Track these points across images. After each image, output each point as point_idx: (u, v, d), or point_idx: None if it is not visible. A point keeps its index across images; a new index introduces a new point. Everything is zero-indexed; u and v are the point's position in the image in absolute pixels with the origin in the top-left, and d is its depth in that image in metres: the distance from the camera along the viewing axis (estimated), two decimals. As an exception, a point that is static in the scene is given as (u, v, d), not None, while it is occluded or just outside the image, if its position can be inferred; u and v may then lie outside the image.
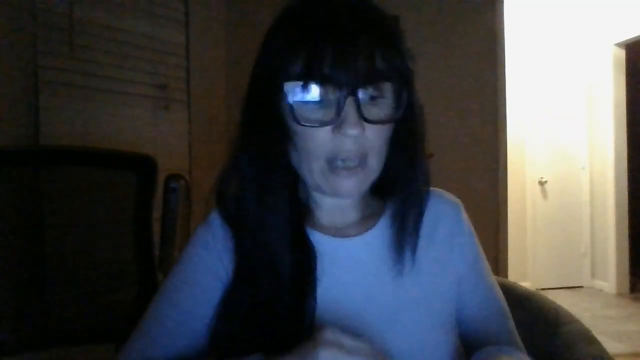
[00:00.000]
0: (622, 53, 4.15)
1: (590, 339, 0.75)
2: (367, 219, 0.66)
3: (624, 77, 4.15)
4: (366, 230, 0.65)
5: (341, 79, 0.53)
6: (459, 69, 2.78)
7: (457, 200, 0.70)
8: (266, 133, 0.59)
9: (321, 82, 0.54)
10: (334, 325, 0.48)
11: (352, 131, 0.53)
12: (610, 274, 4.20)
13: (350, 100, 0.53)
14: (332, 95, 0.54)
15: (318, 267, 0.60)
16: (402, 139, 0.61)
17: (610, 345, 2.39)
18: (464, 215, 0.69)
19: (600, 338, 0.76)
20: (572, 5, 4.31)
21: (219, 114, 2.23)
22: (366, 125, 0.55)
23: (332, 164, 0.57)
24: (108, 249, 1.29)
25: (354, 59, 0.53)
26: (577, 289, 4.37)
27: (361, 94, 0.54)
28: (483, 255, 0.69)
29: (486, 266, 0.69)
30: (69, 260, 1.26)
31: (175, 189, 1.30)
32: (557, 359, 0.75)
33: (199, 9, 2.21)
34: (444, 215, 0.68)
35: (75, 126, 1.74)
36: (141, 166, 1.24)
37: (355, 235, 0.64)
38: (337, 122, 0.54)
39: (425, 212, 0.66)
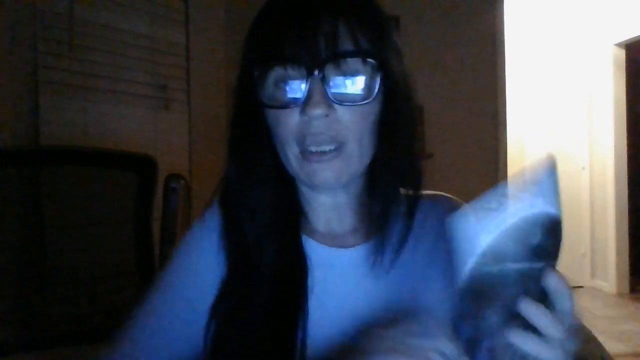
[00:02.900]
0: (622, 53, 4.15)
1: (590, 339, 0.75)
2: (368, 225, 0.61)
3: (624, 77, 4.14)
4: (365, 240, 0.60)
5: (303, 58, 0.51)
6: (459, 69, 2.78)
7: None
8: (245, 124, 0.58)
9: (283, 63, 0.52)
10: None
11: (316, 111, 0.51)
12: (610, 274, 4.20)
13: (315, 80, 0.51)
14: (297, 76, 0.52)
15: (310, 279, 0.57)
16: (384, 129, 0.56)
17: (610, 345, 2.38)
18: None
19: (600, 338, 0.77)
20: (572, 5, 4.31)
21: (219, 114, 2.23)
22: (338, 107, 0.52)
23: (305, 148, 0.54)
24: (108, 249, 1.29)
25: (316, 37, 0.51)
26: (577, 289, 4.37)
27: (328, 74, 0.51)
28: None
29: None
30: (69, 260, 1.26)
31: (175, 189, 1.30)
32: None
33: (199, 9, 2.22)
34: None
35: (75, 126, 1.74)
36: (141, 166, 1.24)
37: (352, 246, 0.60)
38: (301, 103, 0.52)
39: (429, 220, 0.61)
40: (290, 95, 0.53)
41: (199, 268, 0.61)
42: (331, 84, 0.52)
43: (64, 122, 1.70)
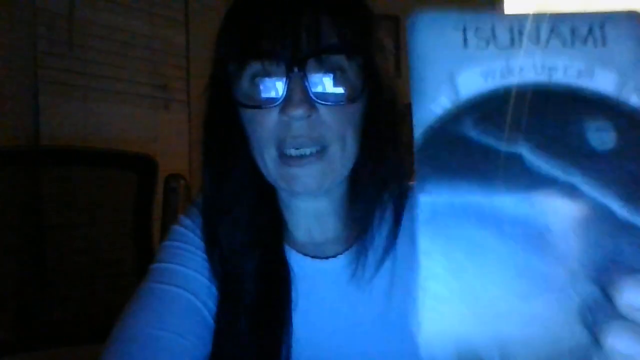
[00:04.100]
0: (622, 53, 4.15)
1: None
2: (351, 232, 0.57)
3: (624, 77, 4.15)
4: (347, 249, 0.56)
5: (282, 54, 0.46)
6: (458, 69, 2.78)
7: None
8: (218, 126, 0.55)
9: (261, 59, 0.48)
10: None
11: (297, 111, 0.46)
12: (610, 274, 4.21)
13: (295, 78, 0.46)
14: (276, 73, 0.48)
15: (294, 293, 0.54)
16: (369, 130, 0.52)
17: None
18: None
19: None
20: (571, 5, 4.32)
21: (219, 114, 2.22)
22: (320, 107, 0.48)
23: (283, 152, 0.49)
24: (108, 249, 1.29)
25: (296, 32, 0.46)
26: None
27: (309, 71, 0.47)
28: None
29: None
30: (69, 260, 1.26)
31: (175, 189, 1.30)
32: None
33: (199, 9, 2.21)
34: None
35: (75, 126, 1.74)
36: (141, 166, 1.24)
37: (334, 255, 0.56)
38: (281, 102, 0.47)
39: (407, 221, 0.57)
40: (268, 94, 0.48)
41: (195, 267, 0.57)
42: (313, 82, 0.47)
43: (64, 122, 1.70)
